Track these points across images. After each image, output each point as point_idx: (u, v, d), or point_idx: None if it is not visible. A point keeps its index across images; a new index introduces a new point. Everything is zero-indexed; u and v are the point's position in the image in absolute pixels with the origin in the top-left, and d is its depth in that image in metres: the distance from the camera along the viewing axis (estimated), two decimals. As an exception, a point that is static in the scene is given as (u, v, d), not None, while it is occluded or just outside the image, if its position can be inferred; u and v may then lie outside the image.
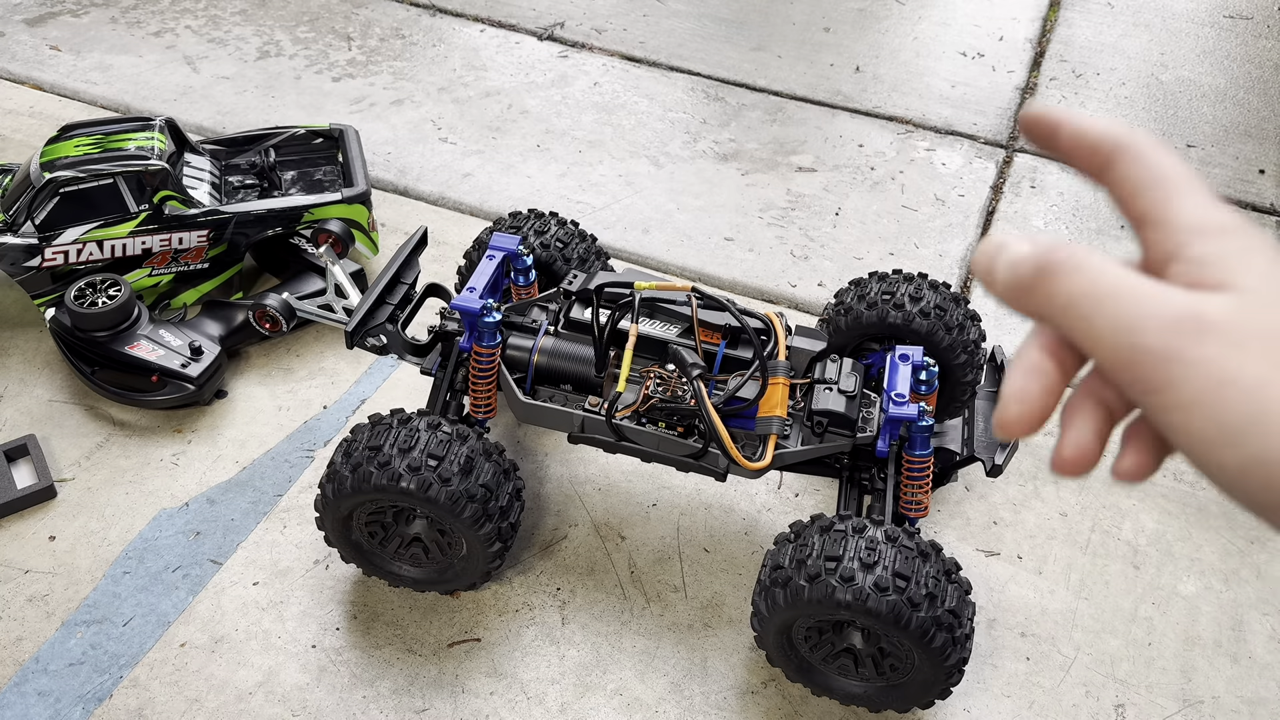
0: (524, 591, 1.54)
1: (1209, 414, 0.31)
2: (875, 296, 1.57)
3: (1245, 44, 2.95)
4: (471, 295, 1.46)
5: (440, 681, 1.43)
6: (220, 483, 1.67)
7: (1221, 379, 0.31)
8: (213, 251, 1.88)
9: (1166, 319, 0.32)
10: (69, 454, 1.70)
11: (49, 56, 2.63)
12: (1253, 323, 0.32)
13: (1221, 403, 0.31)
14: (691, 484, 1.68)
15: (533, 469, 1.70)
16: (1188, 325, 0.32)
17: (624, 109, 2.58)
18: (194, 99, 2.52)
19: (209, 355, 1.75)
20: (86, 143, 1.83)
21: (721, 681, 1.45)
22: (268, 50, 2.70)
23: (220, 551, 1.57)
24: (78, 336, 1.73)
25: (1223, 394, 0.31)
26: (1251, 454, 0.31)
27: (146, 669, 1.44)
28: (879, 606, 1.22)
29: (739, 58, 2.79)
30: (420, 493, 1.33)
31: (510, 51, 2.76)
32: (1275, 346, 0.31)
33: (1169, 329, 0.32)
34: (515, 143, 2.45)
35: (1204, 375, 0.31)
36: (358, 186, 1.96)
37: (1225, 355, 0.31)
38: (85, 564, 1.55)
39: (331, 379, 1.84)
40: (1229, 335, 0.32)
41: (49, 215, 1.76)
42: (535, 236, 1.69)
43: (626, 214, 2.26)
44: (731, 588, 1.55)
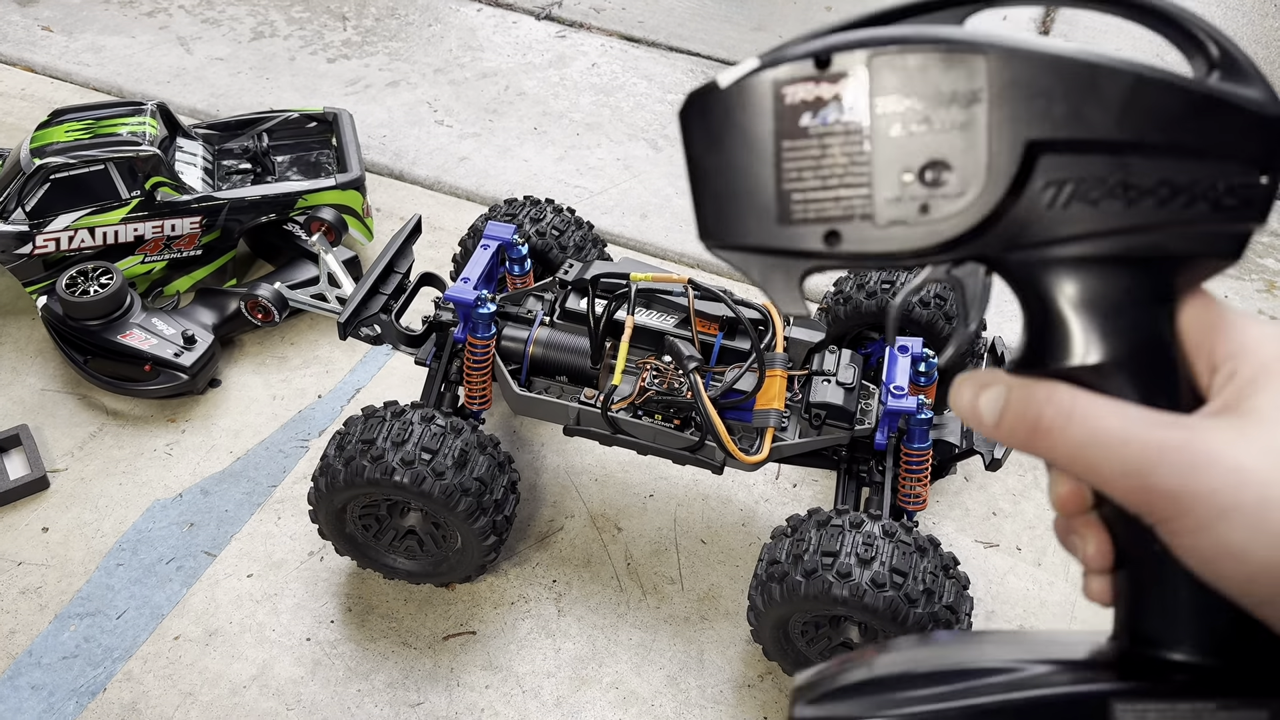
0: (519, 584, 1.53)
1: (1215, 537, 0.33)
2: (875, 285, 1.55)
3: (1253, 23, 2.91)
4: (466, 286, 1.44)
5: (435, 675, 1.43)
6: (214, 473, 1.66)
7: (1225, 507, 0.33)
8: (206, 238, 1.86)
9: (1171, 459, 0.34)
10: (62, 444, 1.69)
11: (41, 37, 2.59)
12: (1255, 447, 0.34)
13: (1226, 528, 0.33)
14: (689, 475, 1.67)
15: (528, 460, 1.69)
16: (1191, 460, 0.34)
17: (622, 90, 2.54)
18: (187, 81, 2.49)
19: (202, 344, 1.73)
20: (77, 128, 1.81)
21: (718, 674, 1.44)
22: (262, 31, 2.67)
23: (214, 543, 1.57)
24: (70, 325, 1.72)
25: (1227, 519, 0.33)
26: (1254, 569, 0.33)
27: (140, 662, 1.43)
28: (876, 603, 1.21)
29: (739, 37, 2.75)
30: (414, 486, 1.32)
31: (507, 31, 2.73)
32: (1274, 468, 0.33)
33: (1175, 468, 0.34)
34: (512, 125, 2.42)
35: (1209, 505, 0.33)
36: (352, 172, 1.94)
37: (1228, 485, 0.33)
38: (78, 556, 1.54)
39: (326, 367, 1.83)
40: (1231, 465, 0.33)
41: (40, 202, 1.74)
42: (531, 224, 1.67)
43: (625, 199, 2.23)
44: (728, 580, 1.54)
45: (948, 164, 0.36)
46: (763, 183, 0.37)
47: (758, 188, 0.37)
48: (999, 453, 1.38)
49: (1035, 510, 1.65)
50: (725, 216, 0.38)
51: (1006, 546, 1.60)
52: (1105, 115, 0.35)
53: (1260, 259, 2.18)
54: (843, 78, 0.36)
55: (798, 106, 0.36)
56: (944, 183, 0.36)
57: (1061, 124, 0.35)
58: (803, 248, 0.37)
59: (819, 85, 0.36)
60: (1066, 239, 0.36)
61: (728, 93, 0.37)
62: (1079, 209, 0.36)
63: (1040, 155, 0.35)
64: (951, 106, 0.35)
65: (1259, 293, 2.11)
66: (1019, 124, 0.35)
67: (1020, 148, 0.35)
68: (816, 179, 0.37)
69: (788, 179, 0.37)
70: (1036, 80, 0.35)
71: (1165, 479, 0.34)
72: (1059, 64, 0.35)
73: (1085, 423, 0.36)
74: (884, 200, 0.36)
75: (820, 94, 0.36)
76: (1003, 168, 0.35)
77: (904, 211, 0.36)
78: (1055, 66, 0.35)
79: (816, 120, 0.36)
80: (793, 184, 0.37)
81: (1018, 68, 0.35)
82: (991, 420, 0.38)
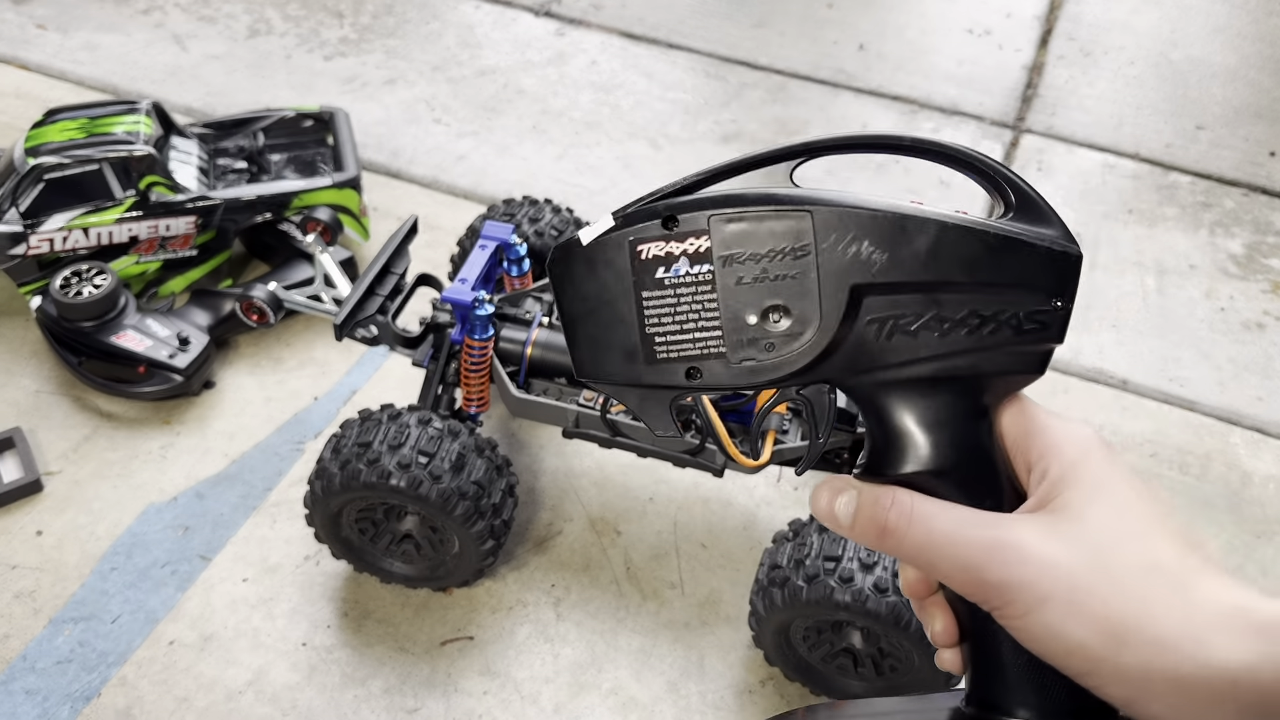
0: (518, 588, 1.51)
1: (1037, 620, 0.39)
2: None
3: (1258, 21, 2.89)
4: (463, 286, 1.43)
5: (432, 681, 1.41)
6: (209, 476, 1.64)
7: (1042, 596, 0.38)
8: (201, 238, 1.85)
9: (995, 556, 0.39)
10: (56, 446, 1.67)
11: (35, 35, 2.57)
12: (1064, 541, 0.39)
13: (1045, 613, 0.38)
14: (689, 478, 1.65)
15: (527, 463, 1.67)
16: (1011, 556, 0.39)
17: (622, 88, 2.52)
18: (183, 79, 2.47)
19: (197, 345, 1.72)
20: (72, 127, 1.79)
21: (719, 680, 1.42)
22: (258, 28, 2.65)
23: (209, 547, 1.55)
24: (64, 326, 1.70)
25: (1045, 606, 0.38)
26: (1070, 645, 0.38)
27: (135, 667, 1.42)
28: (879, 608, 1.20)
29: (740, 35, 2.73)
30: (410, 490, 1.31)
31: (506, 28, 2.71)
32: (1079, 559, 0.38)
33: (999, 563, 0.39)
34: (511, 123, 2.40)
35: (1030, 594, 0.38)
36: (348, 171, 1.92)
37: (1043, 576, 0.38)
38: (73, 559, 1.53)
39: (322, 369, 1.81)
40: (1045, 558, 0.39)
41: (34, 202, 1.72)
42: (529, 224, 1.65)
43: (625, 198, 2.21)
44: (729, 584, 1.53)
45: (786, 309, 0.41)
46: (628, 328, 0.42)
47: (624, 333, 0.42)
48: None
49: (1039, 513, 1.63)
50: (598, 358, 0.43)
51: (1010, 550, 1.59)
52: (915, 260, 0.40)
53: (1265, 259, 2.17)
54: (689, 236, 0.41)
55: (651, 262, 0.41)
56: (783, 324, 0.41)
57: (880, 270, 0.40)
58: (668, 383, 0.43)
59: (668, 243, 0.41)
60: (893, 365, 0.41)
61: (589, 249, 0.42)
62: (901, 339, 0.41)
63: (864, 297, 0.41)
64: (785, 258, 0.41)
65: (1264, 293, 2.09)
66: (843, 272, 0.40)
67: (846, 292, 0.40)
68: (674, 324, 0.42)
69: (649, 324, 0.42)
70: (856, 233, 0.40)
71: (992, 573, 0.39)
72: (875, 218, 0.40)
73: (923, 523, 0.40)
74: (734, 342, 0.42)
75: (670, 250, 0.41)
76: (832, 310, 0.41)
77: (752, 351, 0.42)
78: (871, 221, 0.40)
79: (670, 273, 0.41)
80: (654, 329, 0.42)
81: (838, 223, 0.40)
82: (847, 523, 0.43)
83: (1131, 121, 2.51)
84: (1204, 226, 2.24)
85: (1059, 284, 0.41)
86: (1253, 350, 1.97)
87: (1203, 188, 2.34)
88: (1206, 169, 2.39)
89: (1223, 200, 2.31)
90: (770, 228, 0.40)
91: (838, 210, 0.40)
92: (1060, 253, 0.41)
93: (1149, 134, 2.48)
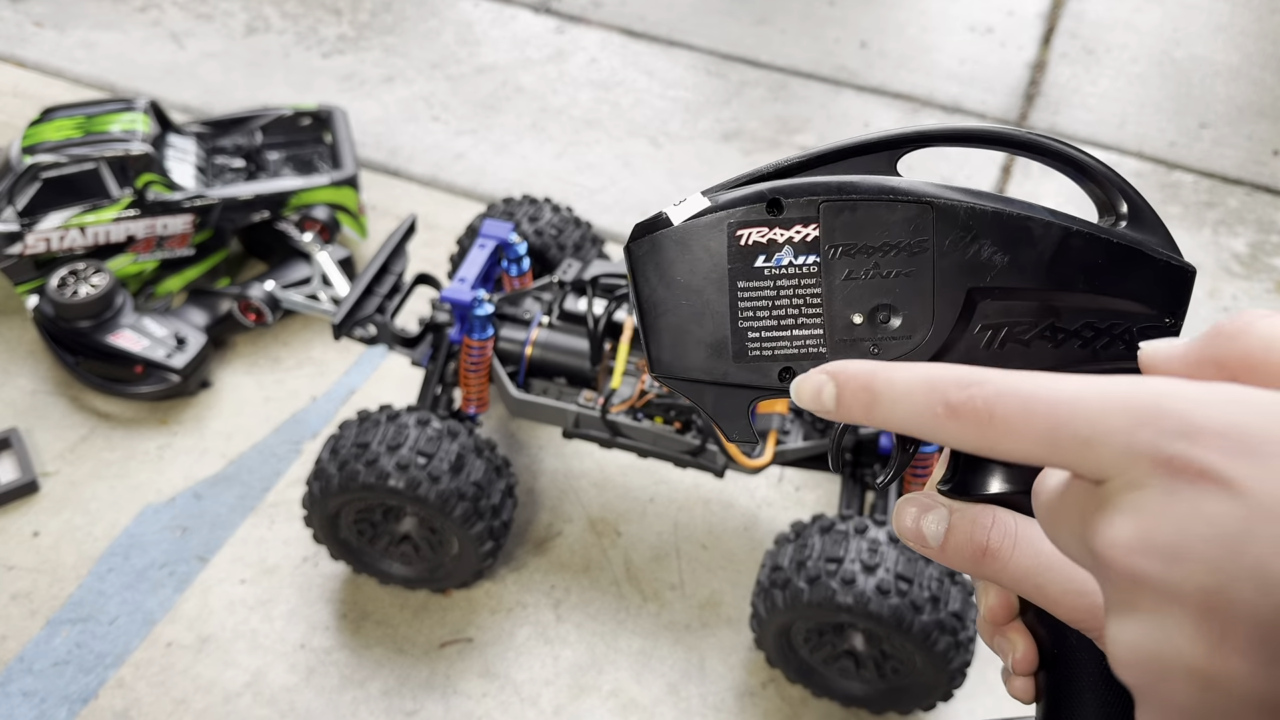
0: (517, 590, 1.50)
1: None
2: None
3: (1261, 19, 2.87)
4: (462, 286, 1.42)
5: (431, 683, 1.40)
6: (206, 477, 1.63)
7: None
8: (198, 237, 1.83)
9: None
10: (53, 447, 1.66)
11: (32, 33, 2.56)
12: None
13: None
14: (689, 478, 1.64)
15: (526, 463, 1.66)
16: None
17: (622, 86, 2.51)
18: (180, 77, 2.46)
19: (194, 345, 1.70)
20: (68, 126, 1.78)
21: (719, 683, 1.42)
22: (255, 26, 2.63)
23: (207, 548, 1.54)
24: (61, 326, 1.69)
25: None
26: None
27: (132, 669, 1.41)
28: (881, 610, 1.19)
29: (741, 32, 2.71)
30: (409, 491, 1.30)
31: (505, 26, 2.69)
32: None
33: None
34: (510, 121, 2.39)
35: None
36: (345, 170, 1.91)
37: None
38: (70, 560, 1.52)
39: (320, 369, 1.80)
40: None
41: (31, 201, 1.71)
42: (529, 223, 1.64)
43: (624, 196, 2.21)
44: (730, 586, 1.52)
45: (895, 308, 0.38)
46: (719, 320, 0.39)
47: (714, 325, 0.39)
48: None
49: (1041, 513, 1.63)
50: (681, 351, 0.40)
51: (1012, 551, 1.58)
52: (1037, 265, 0.38)
53: (1269, 258, 2.16)
54: (795, 223, 0.38)
55: (751, 248, 0.38)
56: (892, 325, 0.38)
57: (999, 274, 0.38)
58: (758, 384, 0.39)
59: (772, 229, 0.38)
60: None
61: (681, 230, 0.39)
62: (1013, 349, 0.39)
63: (979, 301, 0.38)
64: (899, 254, 0.38)
65: (1268, 293, 2.08)
66: (961, 273, 0.38)
67: (962, 295, 0.38)
68: (771, 319, 0.39)
69: (743, 317, 0.39)
70: (978, 232, 0.38)
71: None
72: (999, 218, 0.38)
73: (1031, 546, 0.37)
74: (836, 342, 0.39)
75: (774, 237, 0.38)
76: (946, 314, 0.38)
77: (854, 353, 0.39)
78: (995, 220, 0.38)
79: (771, 263, 0.38)
80: (748, 322, 0.39)
81: (960, 221, 0.38)
82: (936, 544, 0.39)
83: (1135, 120, 2.50)
84: (1207, 225, 2.23)
85: (1173, 300, 0.39)
86: (1256, 349, 1.96)
87: (1206, 186, 2.33)
88: (1210, 168, 2.38)
89: (1226, 199, 2.30)
90: (886, 220, 0.38)
91: (961, 206, 0.37)
92: (1177, 267, 0.39)
93: (1152, 132, 2.47)
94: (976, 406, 0.31)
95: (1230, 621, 0.26)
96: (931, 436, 0.33)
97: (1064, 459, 0.30)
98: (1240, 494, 0.26)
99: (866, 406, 0.35)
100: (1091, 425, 0.28)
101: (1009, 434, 0.30)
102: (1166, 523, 0.27)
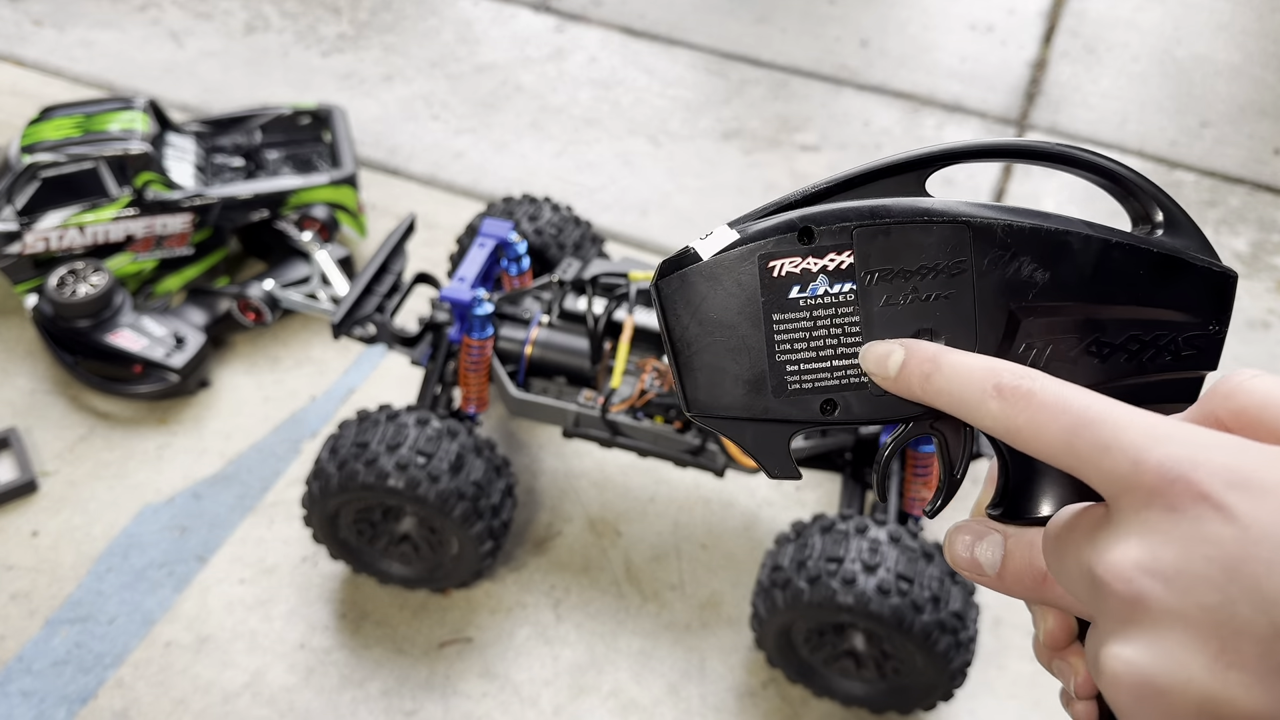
0: (517, 590, 1.50)
1: None
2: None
3: (1262, 18, 2.87)
4: (462, 285, 1.41)
5: (431, 683, 1.40)
6: (205, 477, 1.63)
7: None
8: (197, 236, 1.83)
9: None
10: (52, 446, 1.66)
11: (31, 32, 2.56)
12: None
13: None
14: (690, 478, 1.64)
15: (526, 463, 1.66)
16: None
17: (622, 85, 2.51)
18: (179, 76, 2.46)
19: (193, 344, 1.70)
20: (67, 125, 1.78)
21: (719, 683, 1.41)
22: (255, 25, 2.63)
23: (206, 548, 1.54)
24: (60, 325, 1.69)
25: None
26: None
27: (131, 669, 1.40)
28: (881, 609, 1.18)
29: (741, 30, 2.71)
30: (409, 491, 1.29)
31: (505, 24, 2.69)
32: None
33: None
34: (509, 120, 2.38)
35: None
36: (345, 169, 1.90)
37: None
38: (69, 560, 1.52)
39: (319, 368, 1.80)
40: None
41: (30, 200, 1.71)
42: (529, 222, 1.64)
43: (624, 195, 2.20)
44: (730, 585, 1.52)
45: (936, 332, 0.37)
46: (755, 355, 0.38)
47: (750, 360, 0.38)
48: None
49: (1042, 513, 1.62)
50: (716, 389, 0.38)
51: (1013, 550, 1.57)
52: (1079, 280, 0.37)
53: (1270, 258, 2.15)
54: (829, 250, 0.37)
55: (784, 279, 0.37)
56: None
57: (1040, 291, 0.37)
58: (800, 418, 0.38)
59: (805, 259, 0.37)
60: None
61: (710, 265, 0.37)
62: (1058, 367, 0.38)
63: (1022, 320, 0.37)
64: (938, 277, 0.37)
65: (1269, 292, 2.08)
66: (1002, 292, 0.37)
67: (1004, 315, 0.37)
68: (809, 350, 0.38)
69: (780, 351, 0.38)
70: (1017, 250, 0.37)
71: None
72: (1037, 234, 0.37)
73: None
74: None
75: (807, 266, 0.37)
76: (989, 335, 0.37)
77: None
78: (1034, 236, 0.37)
79: (806, 293, 0.37)
80: (786, 355, 0.38)
81: (998, 240, 0.37)
82: (993, 571, 0.38)
83: (1136, 119, 2.50)
84: (1209, 224, 2.22)
85: (1217, 306, 0.38)
86: (1257, 349, 1.95)
87: (1207, 185, 2.33)
88: (1211, 166, 2.37)
89: (1227, 198, 2.29)
90: (922, 243, 0.37)
91: (998, 224, 0.37)
92: (1219, 273, 0.38)
93: (1153, 131, 2.46)
94: (1022, 392, 0.33)
95: (1229, 638, 0.27)
96: (972, 413, 0.34)
97: (1079, 460, 0.31)
98: (1237, 520, 0.27)
99: (926, 377, 0.36)
100: (1114, 434, 0.30)
101: (1040, 424, 0.32)
102: (1170, 544, 0.28)
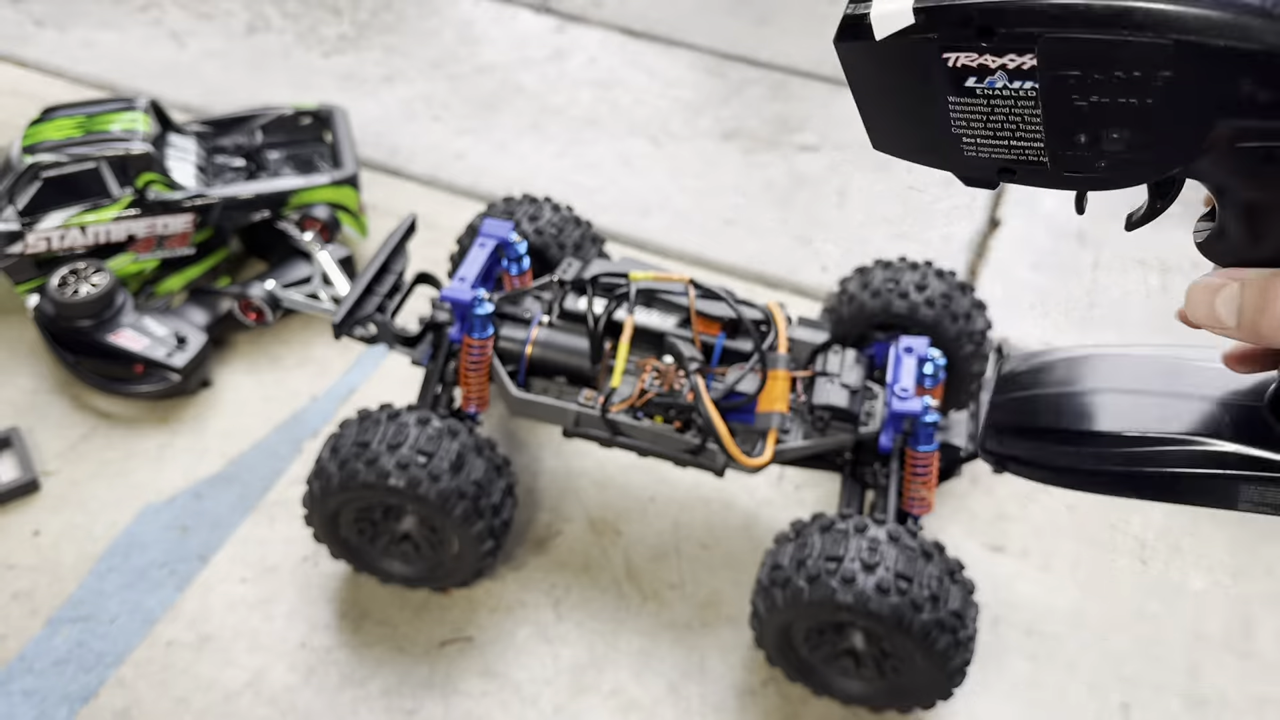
0: (517, 589, 1.50)
1: None
2: (880, 285, 1.53)
3: (1261, 16, 2.87)
4: (462, 285, 1.42)
5: (431, 682, 1.40)
6: (207, 476, 1.63)
7: None
8: (198, 236, 1.84)
9: None
10: (53, 445, 1.66)
11: (32, 32, 2.56)
12: None
13: None
14: (690, 478, 1.64)
15: (526, 462, 1.66)
16: None
17: (622, 85, 2.51)
18: (180, 76, 2.46)
19: (194, 344, 1.71)
20: (69, 125, 1.78)
21: (720, 682, 1.42)
22: (256, 25, 2.64)
23: (207, 547, 1.54)
24: (61, 325, 1.69)
25: None
26: None
27: (133, 668, 1.41)
28: (880, 608, 1.19)
29: (741, 31, 2.71)
30: (409, 490, 1.30)
31: (505, 25, 2.69)
32: None
33: None
34: (509, 121, 2.39)
35: None
36: (346, 169, 1.91)
37: None
38: (70, 559, 1.52)
39: (320, 368, 1.80)
40: None
41: (31, 200, 1.71)
42: (529, 222, 1.64)
43: (624, 196, 2.21)
44: (730, 585, 1.52)
45: (1125, 131, 0.36)
46: (928, 127, 0.38)
47: (925, 130, 0.38)
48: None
49: (1043, 513, 1.62)
50: (893, 140, 0.39)
51: (1013, 550, 1.58)
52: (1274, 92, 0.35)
53: (1268, 256, 2.16)
54: (1009, 51, 0.35)
55: (961, 71, 0.36)
56: (1120, 145, 0.37)
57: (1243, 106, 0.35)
58: (976, 175, 0.39)
59: (983, 55, 0.36)
60: None
61: (884, 45, 0.36)
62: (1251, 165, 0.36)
63: (1216, 121, 0.36)
64: (1130, 85, 0.35)
65: (1267, 290, 2.08)
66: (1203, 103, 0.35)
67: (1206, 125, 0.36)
68: (987, 129, 0.37)
69: (956, 126, 0.38)
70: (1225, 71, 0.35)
71: None
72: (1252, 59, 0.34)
73: None
74: (1058, 156, 0.37)
75: (985, 63, 0.36)
76: (1184, 139, 0.36)
77: (1078, 166, 0.38)
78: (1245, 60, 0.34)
79: (983, 84, 0.36)
80: (961, 130, 0.38)
81: (1200, 55, 0.35)
82: (1233, 321, 0.38)
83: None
84: (1207, 224, 2.23)
85: None
86: (1256, 348, 1.96)
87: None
88: (1210, 166, 2.38)
89: (1226, 197, 2.30)
90: (1115, 54, 0.34)
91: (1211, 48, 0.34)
92: None
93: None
94: None
95: None
96: None
97: None
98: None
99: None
100: None
101: None
102: None
